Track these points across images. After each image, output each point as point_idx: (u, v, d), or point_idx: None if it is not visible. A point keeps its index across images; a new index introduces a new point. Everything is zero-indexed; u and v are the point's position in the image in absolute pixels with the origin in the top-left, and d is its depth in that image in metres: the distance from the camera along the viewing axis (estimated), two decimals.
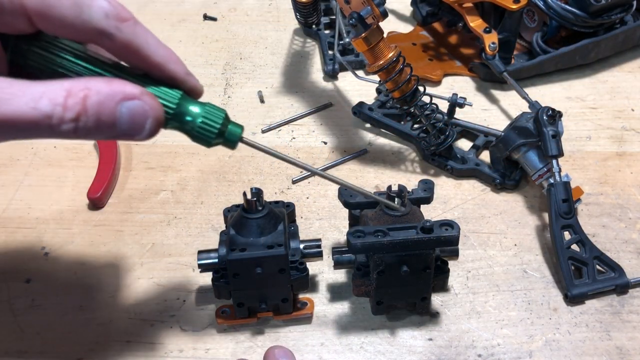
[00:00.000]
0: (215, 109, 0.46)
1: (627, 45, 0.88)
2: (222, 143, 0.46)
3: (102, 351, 0.57)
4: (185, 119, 0.44)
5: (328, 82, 0.87)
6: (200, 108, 0.45)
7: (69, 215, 0.69)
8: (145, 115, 0.41)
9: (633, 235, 0.66)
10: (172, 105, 0.44)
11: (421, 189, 0.59)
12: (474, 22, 0.83)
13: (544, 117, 0.65)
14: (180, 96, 0.44)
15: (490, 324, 0.59)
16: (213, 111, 0.45)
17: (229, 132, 0.46)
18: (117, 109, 0.39)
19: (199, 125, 0.45)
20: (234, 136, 0.46)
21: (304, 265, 0.56)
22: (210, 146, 0.46)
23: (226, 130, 0.46)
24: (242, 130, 0.47)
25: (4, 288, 0.62)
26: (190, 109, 0.45)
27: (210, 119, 0.45)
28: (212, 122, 0.45)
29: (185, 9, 1.01)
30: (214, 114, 0.45)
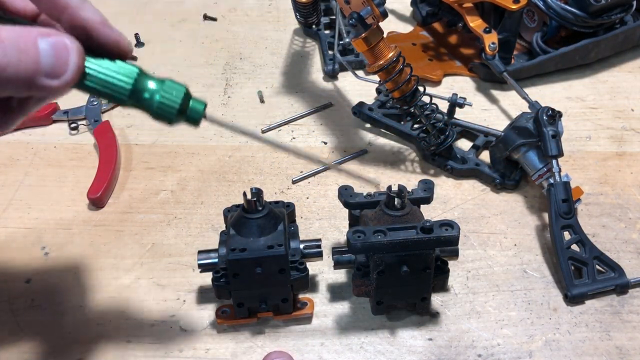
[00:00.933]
0: (175, 84, 0.43)
1: (627, 45, 0.88)
2: (185, 121, 0.44)
3: (102, 351, 0.57)
4: (143, 96, 0.42)
5: (328, 82, 0.87)
6: (158, 85, 0.43)
7: (69, 215, 0.69)
8: (67, 48, 0.39)
9: (633, 235, 0.66)
10: (129, 84, 0.42)
11: (421, 189, 0.59)
12: (474, 22, 0.83)
13: (544, 117, 0.65)
14: (137, 72, 0.42)
15: (490, 324, 0.59)
16: (173, 87, 0.43)
17: (191, 109, 0.44)
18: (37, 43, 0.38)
19: (159, 102, 0.42)
20: (196, 113, 0.44)
21: (304, 265, 0.56)
22: (172, 124, 0.44)
23: (188, 108, 0.44)
24: (205, 107, 0.45)
25: (4, 288, 0.62)
26: (148, 86, 0.42)
27: (170, 95, 0.43)
28: (172, 99, 0.43)
29: (185, 9, 1.01)
30: (174, 90, 0.43)
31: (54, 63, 0.38)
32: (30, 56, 0.37)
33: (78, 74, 0.39)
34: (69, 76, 0.39)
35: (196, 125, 0.45)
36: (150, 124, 0.79)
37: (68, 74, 0.39)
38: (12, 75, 0.36)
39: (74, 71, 0.39)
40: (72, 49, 0.39)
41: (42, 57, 0.38)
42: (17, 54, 0.36)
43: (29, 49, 0.37)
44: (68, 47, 0.39)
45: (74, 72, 0.39)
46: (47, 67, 0.38)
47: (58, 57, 0.38)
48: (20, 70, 0.37)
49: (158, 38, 0.95)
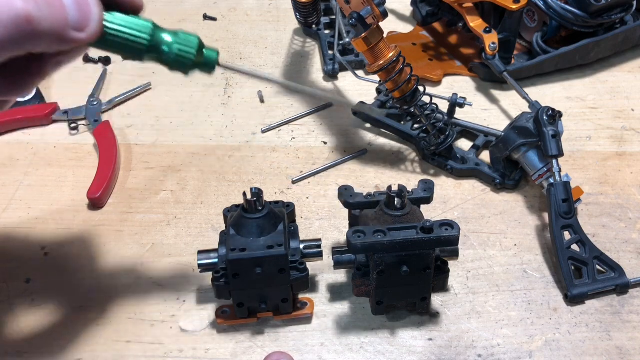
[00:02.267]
0: (188, 35, 0.46)
1: (627, 45, 0.88)
2: (200, 68, 0.47)
3: (102, 351, 0.57)
4: (162, 48, 0.45)
5: (328, 82, 0.87)
6: (173, 36, 0.45)
7: (69, 215, 0.69)
8: (87, 2, 0.41)
9: (633, 235, 0.66)
10: (146, 36, 0.44)
11: (421, 189, 0.59)
12: (474, 22, 0.83)
13: (544, 117, 0.65)
14: (152, 26, 0.44)
15: (490, 324, 0.59)
16: (187, 37, 0.45)
17: (206, 57, 0.47)
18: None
19: (176, 53, 0.45)
20: (211, 61, 0.47)
21: (304, 265, 0.56)
22: (188, 73, 0.47)
23: (202, 56, 0.47)
24: (218, 54, 0.48)
25: (4, 288, 0.62)
26: (164, 38, 0.45)
27: (186, 46, 0.45)
28: (188, 49, 0.45)
29: (185, 9, 1.01)
30: (189, 40, 0.45)
31: (79, 16, 0.40)
32: (59, 10, 0.39)
33: (100, 25, 0.42)
34: (93, 28, 0.41)
35: (210, 72, 0.48)
36: (150, 124, 0.80)
37: (92, 25, 0.41)
38: (47, 28, 0.39)
39: (97, 23, 0.41)
40: (92, 2, 0.41)
41: (68, 10, 0.40)
42: (48, 8, 0.39)
43: (56, 3, 0.39)
44: (89, 2, 0.41)
45: (97, 23, 0.41)
46: (74, 20, 0.40)
47: (81, 10, 0.41)
48: (54, 23, 0.39)
49: None
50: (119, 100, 0.83)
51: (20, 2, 0.37)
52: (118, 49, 0.44)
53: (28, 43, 0.39)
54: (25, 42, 0.39)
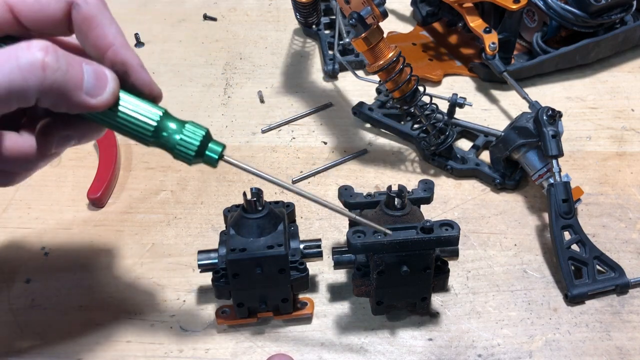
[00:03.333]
0: (196, 126, 0.46)
1: (627, 45, 0.88)
2: (203, 161, 0.47)
3: (102, 351, 0.57)
4: (164, 135, 0.45)
5: (328, 82, 0.87)
6: (179, 126, 0.45)
7: (69, 215, 0.69)
8: (106, 75, 0.43)
9: (633, 235, 0.66)
10: (154, 119, 0.45)
11: (421, 189, 0.59)
12: (474, 22, 0.83)
13: (544, 117, 0.65)
14: (163, 112, 0.45)
15: (490, 324, 0.59)
16: (193, 129, 0.46)
17: (210, 150, 0.46)
18: (82, 65, 0.42)
19: (178, 142, 0.45)
20: (213, 155, 0.47)
21: (304, 265, 0.56)
22: (191, 164, 0.47)
23: (206, 148, 0.46)
24: (224, 149, 0.47)
25: (4, 288, 0.62)
26: (171, 126, 0.45)
27: (189, 137, 0.45)
28: (190, 141, 0.45)
29: (185, 9, 1.01)
30: (194, 132, 0.45)
31: (94, 84, 0.43)
32: (76, 71, 0.42)
33: (113, 98, 0.44)
34: (105, 97, 0.43)
35: (213, 166, 0.47)
36: None
37: (105, 95, 0.43)
38: (60, 80, 0.40)
39: (110, 94, 0.43)
40: (110, 77, 0.44)
41: (85, 76, 0.42)
42: (67, 65, 0.41)
43: (76, 65, 0.42)
44: (107, 75, 0.44)
45: (109, 95, 0.43)
46: (88, 85, 0.42)
47: (98, 80, 0.43)
48: (67, 79, 0.41)
49: (158, 38, 0.95)
50: None
51: (39, 52, 0.40)
52: (124, 128, 0.45)
53: (38, 91, 0.40)
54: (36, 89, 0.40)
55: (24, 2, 0.43)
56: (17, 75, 0.39)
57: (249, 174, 0.50)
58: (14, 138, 0.45)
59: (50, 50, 0.40)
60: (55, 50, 0.40)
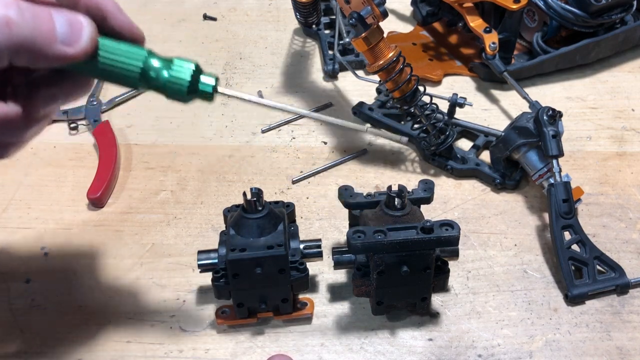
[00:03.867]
0: (183, 61, 0.44)
1: (627, 45, 0.88)
2: (198, 96, 0.45)
3: (102, 351, 0.57)
4: (152, 75, 0.43)
5: (328, 82, 0.87)
6: (166, 63, 0.44)
7: (69, 215, 0.69)
8: (80, 22, 0.41)
9: (633, 235, 0.66)
10: (139, 62, 0.43)
11: (421, 189, 0.59)
12: (474, 22, 0.83)
13: (544, 117, 0.65)
14: (147, 52, 0.44)
15: (491, 324, 0.59)
16: (181, 64, 0.44)
17: (202, 84, 0.45)
18: (52, 15, 0.40)
19: (167, 80, 0.43)
20: (207, 88, 0.45)
21: (304, 265, 0.56)
22: (186, 101, 0.45)
23: (199, 84, 0.45)
24: (217, 81, 0.45)
25: (4, 288, 0.62)
26: (157, 65, 0.43)
27: (178, 73, 0.43)
28: (180, 77, 0.44)
29: (185, 9, 1.01)
30: (182, 67, 0.44)
31: (68, 32, 0.40)
32: (45, 22, 0.39)
33: (92, 44, 0.41)
34: (82, 44, 0.41)
35: (210, 101, 0.46)
36: (150, 124, 0.80)
37: (82, 42, 0.41)
38: (29, 35, 0.38)
39: (87, 41, 0.41)
40: (85, 24, 0.41)
41: (57, 25, 0.40)
42: (33, 18, 0.38)
43: (45, 16, 0.39)
44: (82, 21, 0.41)
45: (87, 41, 0.41)
46: (62, 35, 0.40)
47: (72, 27, 0.40)
48: (36, 32, 0.39)
49: (158, 38, 0.95)
50: (119, 100, 0.83)
51: (1, 8, 0.37)
52: (110, 75, 0.43)
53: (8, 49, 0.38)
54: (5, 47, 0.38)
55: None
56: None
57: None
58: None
59: (12, 5, 0.38)
60: (18, 3, 0.38)
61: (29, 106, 0.43)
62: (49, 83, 0.44)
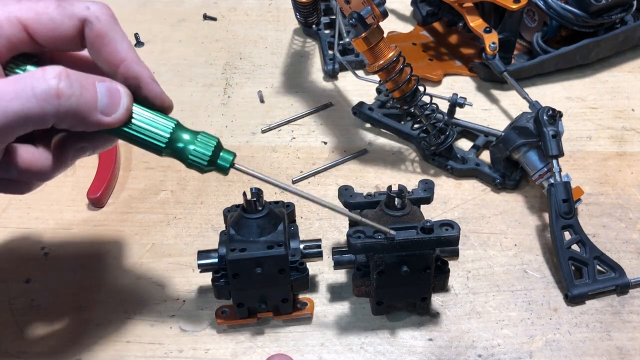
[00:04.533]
0: (208, 136, 0.48)
1: (627, 45, 0.88)
2: (215, 169, 0.48)
3: (102, 351, 0.57)
4: (178, 146, 0.47)
5: (328, 82, 0.87)
6: (192, 136, 0.47)
7: (69, 215, 0.69)
8: (119, 92, 0.45)
9: (633, 235, 0.66)
10: (167, 130, 0.46)
11: (421, 189, 0.59)
12: (474, 22, 0.83)
13: (544, 117, 0.65)
14: (175, 124, 0.47)
15: (491, 324, 0.59)
16: (205, 139, 0.47)
17: (221, 158, 0.48)
18: (96, 84, 0.44)
19: (191, 152, 0.47)
20: (225, 163, 0.48)
21: (304, 265, 0.56)
22: (204, 172, 0.48)
23: (218, 157, 0.48)
24: (234, 157, 0.49)
25: (4, 288, 0.62)
26: (184, 137, 0.47)
27: (202, 146, 0.47)
28: (203, 150, 0.47)
29: (185, 9, 1.01)
30: (207, 141, 0.47)
31: (108, 102, 0.44)
32: (90, 93, 0.43)
33: (127, 114, 0.45)
34: (119, 114, 0.45)
35: (225, 174, 0.49)
36: None
37: (119, 112, 0.45)
38: (74, 105, 0.42)
39: (124, 110, 0.45)
40: (123, 93, 0.45)
41: (99, 95, 0.44)
42: (80, 89, 0.42)
43: (90, 87, 0.43)
44: (120, 91, 0.45)
45: (124, 111, 0.45)
46: (102, 105, 0.44)
47: (111, 98, 0.44)
48: (82, 102, 0.42)
49: (158, 38, 0.95)
50: None
51: (53, 80, 0.41)
52: (137, 141, 0.47)
53: (55, 117, 0.42)
54: (52, 115, 0.41)
55: (39, 21, 0.44)
56: (33, 104, 0.40)
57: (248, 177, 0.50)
58: (31, 151, 0.45)
59: (63, 77, 0.41)
60: (69, 75, 0.42)
61: (59, 155, 0.47)
62: (82, 137, 0.47)
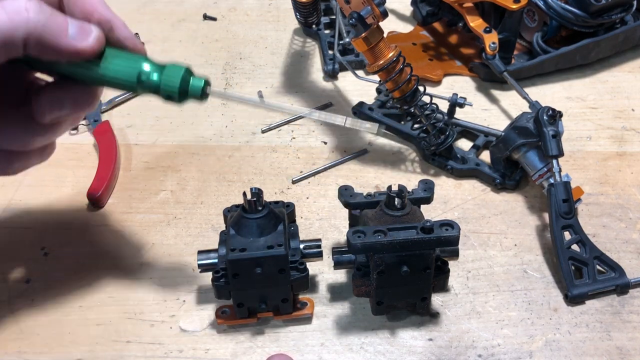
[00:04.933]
0: (175, 66, 0.48)
1: (627, 45, 0.88)
2: (190, 97, 0.49)
3: (102, 351, 0.57)
4: (149, 79, 0.47)
5: (328, 82, 0.87)
6: (161, 68, 0.48)
7: (69, 215, 0.69)
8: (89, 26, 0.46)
9: (633, 235, 0.66)
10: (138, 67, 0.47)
11: (421, 189, 0.59)
12: (474, 22, 0.83)
13: (544, 117, 0.65)
14: (144, 59, 0.48)
15: (491, 324, 0.59)
16: (173, 68, 0.48)
17: (192, 86, 0.49)
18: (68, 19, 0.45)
19: (160, 83, 0.47)
20: (196, 90, 0.49)
21: (304, 265, 0.56)
22: (180, 103, 0.49)
23: (189, 86, 0.48)
24: (206, 83, 0.49)
25: (4, 288, 0.62)
26: (152, 69, 0.47)
27: (169, 76, 0.47)
28: (171, 80, 0.47)
29: (185, 9, 1.01)
30: (174, 71, 0.48)
31: (78, 31, 0.45)
32: (60, 19, 0.44)
33: (98, 43, 0.46)
34: (90, 42, 0.45)
35: (202, 101, 0.50)
36: (150, 124, 0.80)
37: (90, 40, 0.45)
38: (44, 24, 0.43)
39: (95, 39, 0.45)
40: (94, 27, 0.46)
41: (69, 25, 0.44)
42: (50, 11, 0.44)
43: (59, 16, 0.44)
44: (91, 26, 0.46)
45: (95, 39, 0.45)
46: (72, 32, 0.44)
47: (82, 29, 0.45)
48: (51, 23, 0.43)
49: (158, 38, 0.95)
50: (119, 100, 0.83)
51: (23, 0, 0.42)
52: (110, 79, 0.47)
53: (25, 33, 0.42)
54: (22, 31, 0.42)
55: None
56: (4, 18, 0.41)
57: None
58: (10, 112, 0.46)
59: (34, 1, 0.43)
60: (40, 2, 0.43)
61: (37, 110, 0.47)
62: (56, 86, 0.47)
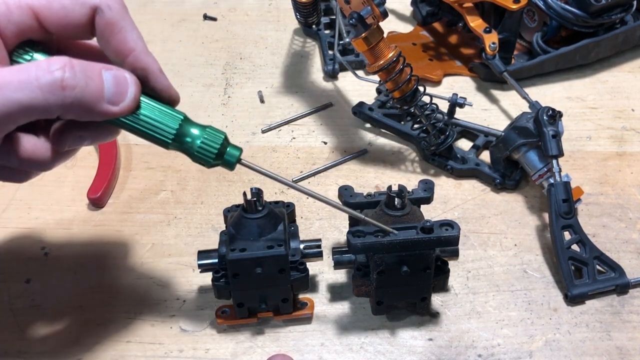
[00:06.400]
0: (215, 131, 0.48)
1: (627, 45, 0.88)
2: (221, 164, 0.48)
3: (102, 351, 0.57)
4: (185, 139, 0.46)
5: (328, 82, 0.87)
6: (200, 130, 0.47)
7: (69, 215, 0.69)
8: (126, 80, 0.44)
9: (633, 235, 0.66)
10: (175, 124, 0.46)
11: (421, 189, 0.59)
12: (474, 22, 0.83)
13: (544, 117, 0.65)
14: (182, 118, 0.46)
15: (491, 324, 0.59)
16: (213, 133, 0.47)
17: (228, 154, 0.48)
18: (102, 73, 0.43)
19: (199, 146, 0.47)
20: (232, 158, 0.48)
21: (304, 265, 0.56)
22: (210, 167, 0.48)
23: (225, 152, 0.48)
24: (241, 153, 0.49)
25: (4, 288, 0.62)
26: (191, 131, 0.47)
27: (209, 141, 0.47)
28: (210, 145, 0.47)
29: (185, 9, 1.01)
30: (214, 136, 0.47)
31: (114, 91, 0.43)
32: (96, 82, 0.42)
33: (134, 103, 0.44)
34: (126, 104, 0.44)
35: (231, 169, 0.49)
36: None
37: (126, 101, 0.44)
38: (79, 96, 0.41)
39: (131, 100, 0.44)
40: (130, 81, 0.44)
41: (105, 85, 0.43)
42: (85, 79, 0.41)
43: (95, 76, 0.42)
44: (127, 79, 0.44)
45: (131, 101, 0.44)
46: (109, 94, 0.43)
47: (118, 86, 0.43)
48: (86, 93, 0.41)
49: (158, 38, 0.95)
50: None
51: (58, 72, 0.40)
52: (144, 133, 0.46)
53: (60, 108, 0.41)
54: (58, 106, 0.41)
55: (50, 8, 0.43)
56: (38, 95, 0.40)
57: (257, 174, 0.51)
58: (32, 141, 0.45)
59: (68, 68, 0.41)
60: (73, 66, 0.41)
61: (57, 142, 0.46)
62: (80, 126, 0.46)
